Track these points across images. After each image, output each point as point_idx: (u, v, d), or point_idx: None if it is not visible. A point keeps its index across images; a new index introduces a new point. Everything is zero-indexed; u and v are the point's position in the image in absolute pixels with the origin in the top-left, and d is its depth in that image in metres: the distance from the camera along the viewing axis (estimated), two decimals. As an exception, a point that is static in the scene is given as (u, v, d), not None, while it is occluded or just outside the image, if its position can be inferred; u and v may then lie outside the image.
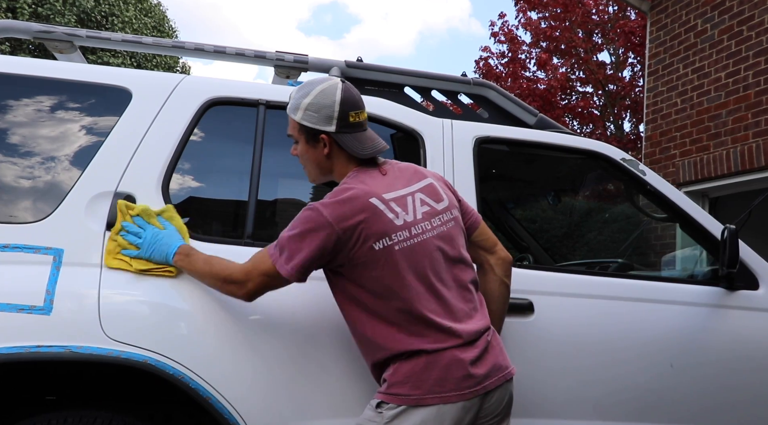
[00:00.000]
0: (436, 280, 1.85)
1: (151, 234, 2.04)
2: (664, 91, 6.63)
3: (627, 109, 14.23)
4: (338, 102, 1.91)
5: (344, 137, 1.93)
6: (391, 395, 1.81)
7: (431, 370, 1.79)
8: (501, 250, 2.12)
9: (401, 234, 1.83)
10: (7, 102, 2.16)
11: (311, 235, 1.80)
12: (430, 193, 1.96)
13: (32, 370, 2.12)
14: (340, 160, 1.97)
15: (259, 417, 2.01)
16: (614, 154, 2.56)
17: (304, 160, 2.01)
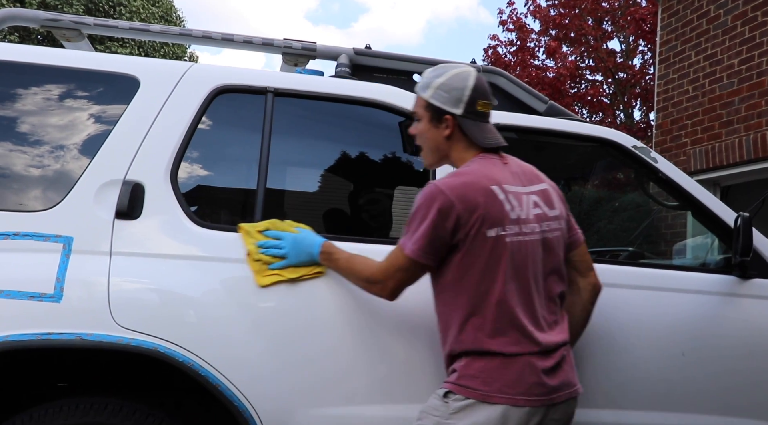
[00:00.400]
0: (531, 283, 1.86)
1: (291, 240, 2.10)
2: (676, 79, 6.57)
3: (637, 98, 14.13)
4: (470, 87, 1.92)
5: (468, 123, 1.93)
6: (460, 386, 1.81)
7: (505, 370, 1.80)
8: (594, 276, 2.11)
9: (513, 228, 1.83)
10: (16, 90, 2.16)
11: (432, 212, 1.80)
12: (544, 197, 1.96)
13: (44, 357, 2.12)
14: (459, 145, 1.96)
15: (268, 404, 2.02)
16: (625, 142, 2.53)
17: (422, 140, 2.01)
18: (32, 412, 1.91)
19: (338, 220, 2.84)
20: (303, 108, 2.43)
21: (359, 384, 2.11)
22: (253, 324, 2.04)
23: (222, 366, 1.98)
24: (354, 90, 2.39)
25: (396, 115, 2.41)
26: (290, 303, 2.09)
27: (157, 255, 2.04)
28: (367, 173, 2.82)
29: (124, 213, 2.03)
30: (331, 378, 2.08)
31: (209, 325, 2.01)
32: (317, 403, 2.07)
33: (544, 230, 1.91)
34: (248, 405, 1.99)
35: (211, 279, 2.04)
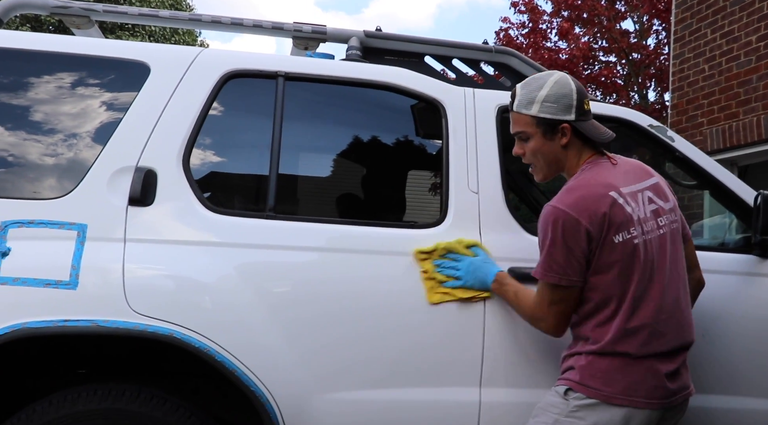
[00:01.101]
0: (659, 281, 1.85)
1: (468, 263, 2.12)
2: (691, 58, 6.48)
3: (651, 78, 13.97)
4: (575, 90, 1.92)
5: (583, 124, 1.93)
6: (581, 385, 1.82)
7: (627, 373, 1.81)
8: (700, 273, 2.12)
9: (637, 229, 1.84)
10: (27, 78, 2.15)
11: (559, 233, 1.81)
12: (657, 192, 1.95)
13: (61, 344, 2.14)
14: (574, 150, 1.96)
15: (285, 389, 2.02)
16: (641, 121, 2.50)
17: (536, 157, 1.99)
18: (51, 398, 1.92)
19: (351, 205, 2.82)
20: (314, 92, 2.41)
21: (375, 369, 2.10)
22: (269, 309, 2.03)
23: (238, 351, 1.98)
24: (365, 73, 2.36)
25: (408, 98, 2.38)
26: (305, 288, 2.09)
27: (170, 241, 2.04)
28: (380, 157, 2.80)
29: (137, 199, 2.03)
30: (348, 363, 2.08)
31: (225, 311, 2.01)
32: (334, 388, 2.06)
33: (663, 224, 1.91)
34: (265, 390, 1.99)
35: (225, 264, 2.03)
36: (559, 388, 1.87)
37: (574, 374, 1.85)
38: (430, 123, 2.41)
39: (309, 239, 2.13)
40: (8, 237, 1.94)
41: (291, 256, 2.11)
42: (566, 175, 2.01)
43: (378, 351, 2.10)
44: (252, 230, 2.10)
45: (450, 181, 2.26)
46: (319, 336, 2.06)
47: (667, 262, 1.88)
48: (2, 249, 1.92)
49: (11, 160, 2.06)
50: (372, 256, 2.14)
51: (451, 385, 2.14)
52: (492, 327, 2.14)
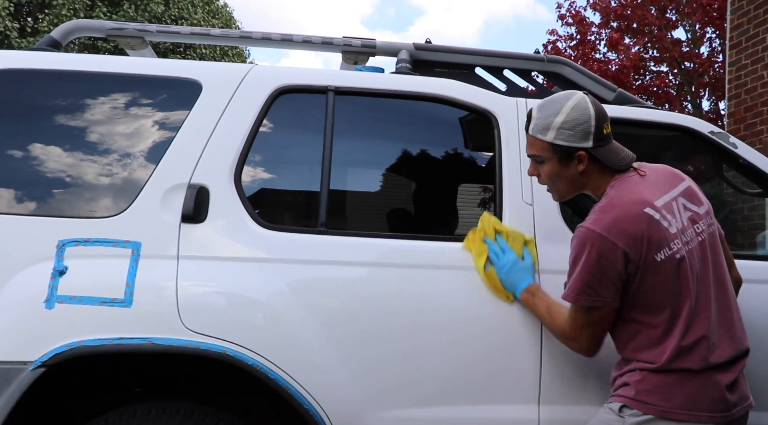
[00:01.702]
0: (712, 290, 1.79)
1: (510, 261, 2.06)
2: (749, 64, 6.27)
3: (705, 87, 13.61)
4: (593, 116, 1.83)
5: (601, 151, 1.85)
6: (638, 402, 1.75)
7: (685, 387, 1.73)
8: (737, 271, 2.04)
9: (677, 243, 1.77)
10: (83, 99, 2.19)
11: (593, 256, 1.75)
12: (690, 196, 1.89)
13: (113, 363, 2.15)
14: (594, 174, 1.89)
15: (339, 407, 1.98)
16: (702, 127, 2.41)
17: (552, 180, 1.94)
18: (107, 417, 1.93)
19: (402, 219, 2.79)
20: (364, 106, 2.39)
21: (430, 386, 2.05)
22: (322, 326, 2.00)
23: (291, 369, 1.96)
24: (416, 85, 2.34)
25: (459, 109, 2.35)
26: (357, 304, 2.06)
27: (223, 258, 2.03)
28: (431, 169, 2.76)
29: (190, 217, 2.03)
30: (403, 380, 2.04)
31: (277, 328, 1.99)
32: (388, 406, 2.02)
33: (701, 230, 1.83)
34: (318, 408, 1.96)
35: (277, 281, 2.02)
36: (613, 405, 1.79)
37: (629, 390, 1.77)
38: (481, 134, 2.37)
39: (360, 254, 2.11)
40: (65, 256, 1.97)
41: (343, 272, 2.09)
42: (591, 194, 1.95)
43: (432, 368, 2.05)
44: (304, 246, 2.08)
45: (504, 193, 2.21)
46: (372, 352, 2.03)
47: (710, 269, 1.81)
48: (60, 268, 1.94)
49: (67, 180, 2.10)
50: (424, 271, 2.10)
51: (507, 403, 2.07)
52: (549, 342, 2.07)
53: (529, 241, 2.14)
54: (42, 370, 1.86)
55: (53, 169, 2.10)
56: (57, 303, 1.90)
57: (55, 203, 2.08)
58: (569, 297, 1.82)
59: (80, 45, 14.78)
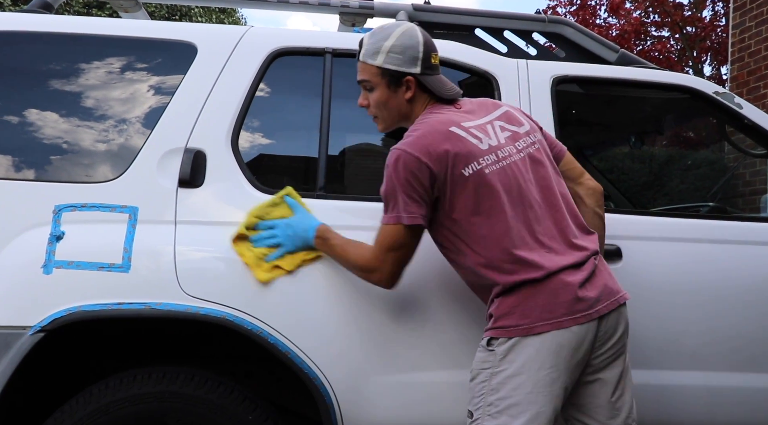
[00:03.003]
0: (534, 202, 1.79)
1: (283, 227, 2.00)
2: (753, 27, 6.18)
3: (707, 52, 13.49)
4: (422, 43, 1.86)
5: (429, 79, 1.87)
6: (499, 329, 1.75)
7: (537, 297, 1.72)
8: (589, 180, 2.02)
9: (489, 158, 1.78)
10: (75, 63, 2.15)
11: (402, 174, 1.74)
12: (507, 119, 1.91)
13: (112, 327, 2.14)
14: (419, 103, 1.90)
15: (339, 371, 1.98)
16: (706, 88, 2.37)
17: (379, 108, 1.92)
18: (108, 381, 1.93)
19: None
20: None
21: (429, 351, 2.05)
22: (322, 290, 2.00)
23: (291, 333, 1.95)
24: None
25: (459, 71, 2.31)
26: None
27: (221, 222, 2.01)
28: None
29: (187, 181, 2.01)
30: (402, 345, 2.03)
31: (277, 293, 1.98)
32: (389, 370, 2.02)
33: (522, 148, 1.85)
34: (319, 373, 1.96)
35: (276, 245, 2.00)
36: (482, 342, 1.79)
37: (492, 321, 1.78)
38: (482, 96, 2.33)
39: (360, 218, 2.08)
40: (62, 221, 1.95)
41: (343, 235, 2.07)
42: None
43: (432, 333, 2.04)
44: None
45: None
46: (373, 316, 2.02)
47: (534, 184, 1.82)
48: (57, 233, 1.93)
49: (62, 144, 2.07)
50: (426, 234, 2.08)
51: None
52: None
53: (287, 191, 2.04)
54: (41, 335, 1.85)
55: (48, 133, 2.07)
56: (55, 269, 1.89)
57: (51, 168, 2.05)
58: (391, 217, 1.79)
59: (74, 13, 14.59)
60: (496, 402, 1.70)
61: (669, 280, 2.16)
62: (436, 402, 2.05)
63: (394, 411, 2.03)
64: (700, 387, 2.16)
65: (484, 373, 1.75)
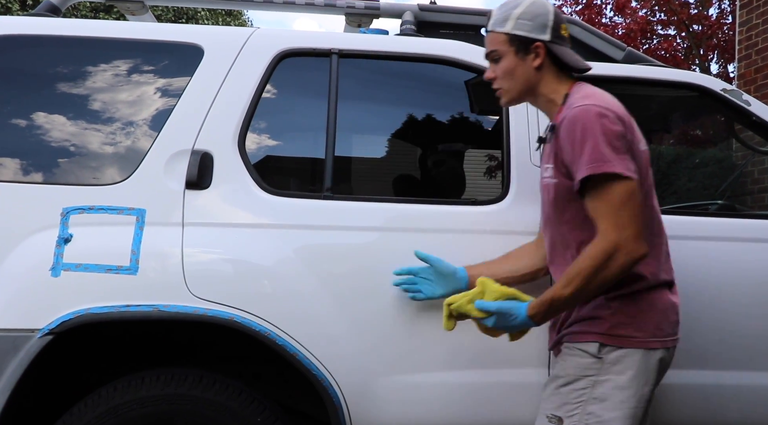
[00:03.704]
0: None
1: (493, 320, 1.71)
2: (760, 24, 6.15)
3: (714, 50, 13.43)
4: (551, 11, 1.80)
5: (559, 48, 1.80)
6: (612, 336, 1.67)
7: (653, 312, 1.69)
8: None
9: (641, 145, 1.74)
10: (83, 66, 2.16)
11: (611, 128, 1.61)
12: None
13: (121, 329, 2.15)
14: (549, 75, 1.81)
15: (348, 372, 1.98)
16: (714, 85, 2.36)
17: (506, 78, 1.82)
18: (116, 383, 1.93)
19: (409, 183, 2.77)
20: (369, 69, 2.35)
21: (438, 352, 2.05)
22: (330, 292, 1.99)
23: (299, 335, 1.95)
24: (421, 47, 2.30)
25: (465, 71, 2.30)
26: (366, 269, 2.04)
27: (228, 224, 2.02)
28: (437, 133, 2.73)
29: (194, 183, 2.01)
30: (411, 345, 2.03)
31: (285, 294, 1.98)
32: (398, 371, 2.02)
33: None
34: (327, 374, 1.96)
35: (283, 246, 2.00)
36: (584, 346, 1.69)
37: (602, 325, 1.68)
38: (487, 96, 2.33)
39: (366, 219, 2.09)
40: (70, 224, 1.95)
41: (349, 237, 2.07)
42: (543, 104, 1.84)
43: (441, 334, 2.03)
44: (309, 211, 2.06)
45: (511, 156, 2.18)
46: (381, 317, 2.02)
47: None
48: (65, 236, 1.93)
49: (70, 147, 2.07)
50: (432, 235, 2.08)
51: (515, 367, 2.07)
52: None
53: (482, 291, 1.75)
54: (50, 338, 1.86)
55: (55, 136, 2.07)
56: (63, 271, 1.89)
57: (59, 171, 2.06)
58: (590, 168, 1.58)
59: (81, 17, 14.65)
60: (598, 412, 1.64)
61: (679, 278, 2.14)
62: (445, 402, 2.04)
63: (403, 412, 2.03)
64: (710, 386, 2.14)
65: (585, 380, 1.67)
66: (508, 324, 1.70)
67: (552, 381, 1.75)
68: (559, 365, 1.76)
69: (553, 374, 1.78)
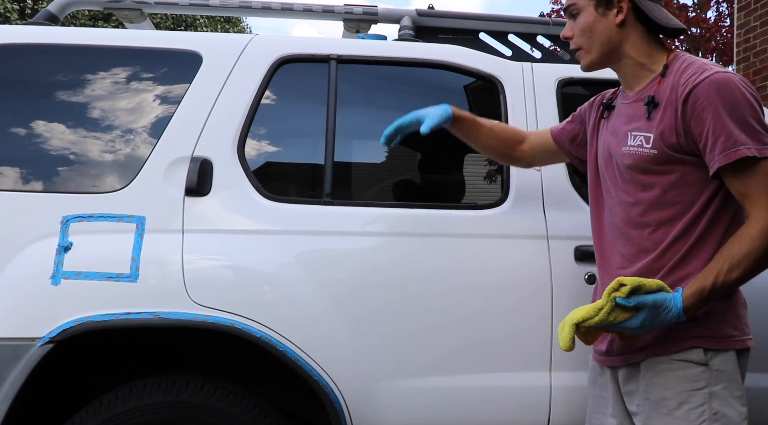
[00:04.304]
0: None
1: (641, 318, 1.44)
2: (758, 26, 6.16)
3: (712, 52, 13.47)
4: None
5: (646, 2, 1.58)
6: (716, 339, 1.48)
7: (741, 307, 1.54)
8: None
9: None
10: (82, 74, 2.16)
11: (752, 99, 1.46)
12: None
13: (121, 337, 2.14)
14: (634, 34, 1.61)
15: (349, 377, 1.98)
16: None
17: (584, 35, 1.63)
18: (117, 391, 1.92)
19: (409, 188, 2.76)
20: (368, 74, 2.36)
21: (440, 355, 2.04)
22: (331, 297, 1.99)
23: (300, 340, 1.95)
24: (419, 52, 2.31)
25: (464, 76, 2.31)
26: (366, 275, 2.04)
27: (228, 230, 2.02)
28: (438, 139, 2.73)
29: (194, 190, 2.01)
30: (412, 350, 2.02)
31: (285, 300, 1.98)
32: (399, 375, 2.01)
33: None
34: (328, 379, 1.95)
35: (284, 252, 2.00)
36: (688, 354, 1.48)
37: (699, 327, 1.48)
38: (487, 101, 2.33)
39: (367, 224, 2.09)
40: (70, 232, 1.95)
41: (349, 242, 2.07)
42: (630, 69, 1.64)
43: (444, 337, 2.04)
44: (309, 217, 2.06)
45: (512, 160, 2.18)
46: (382, 322, 2.01)
47: None
48: (65, 244, 1.93)
49: (69, 155, 2.07)
50: (433, 239, 2.08)
51: (518, 370, 2.06)
52: (558, 309, 2.05)
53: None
54: (50, 346, 1.85)
55: (55, 145, 2.07)
56: (63, 279, 1.89)
57: (58, 179, 2.06)
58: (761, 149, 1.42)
59: (80, 26, 14.68)
60: None
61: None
62: (446, 407, 2.04)
63: (405, 417, 2.02)
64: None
65: (700, 395, 1.46)
66: (659, 320, 1.44)
67: (657, 407, 1.50)
68: (656, 386, 1.52)
69: (650, 398, 1.52)
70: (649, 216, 1.56)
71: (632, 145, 1.57)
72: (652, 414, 1.51)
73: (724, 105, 1.44)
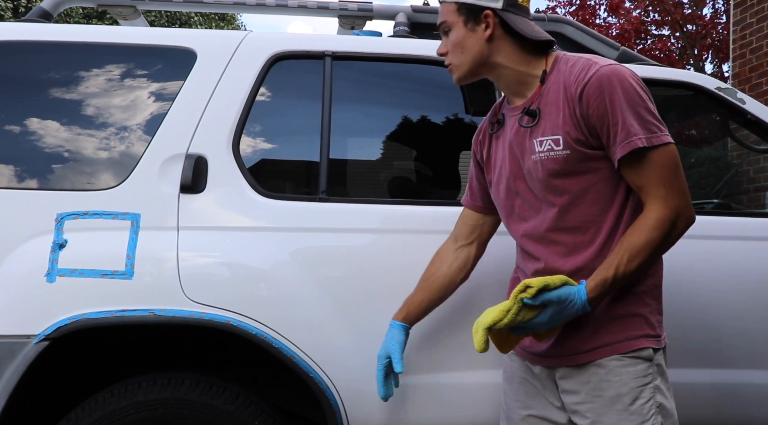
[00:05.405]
0: None
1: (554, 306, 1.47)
2: (754, 23, 6.17)
3: (708, 49, 13.47)
4: None
5: (511, 16, 1.61)
6: (657, 338, 1.56)
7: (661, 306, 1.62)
8: None
9: None
10: (76, 71, 2.15)
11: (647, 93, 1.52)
12: None
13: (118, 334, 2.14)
14: (505, 46, 1.63)
15: (345, 374, 1.98)
16: (708, 84, 2.36)
17: (455, 51, 1.66)
18: (113, 388, 1.92)
19: (403, 185, 2.77)
20: (363, 71, 2.35)
21: (435, 354, 2.04)
22: (327, 294, 1.99)
23: (296, 337, 1.94)
24: (415, 48, 2.30)
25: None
26: (362, 271, 2.04)
27: (224, 227, 2.01)
28: (433, 136, 2.73)
29: (189, 187, 2.01)
30: (408, 348, 2.02)
31: (281, 297, 1.97)
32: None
33: None
34: (324, 376, 1.95)
35: (280, 249, 2.00)
36: (636, 352, 1.53)
37: (644, 325, 1.55)
38: (482, 97, 2.33)
39: (362, 220, 2.09)
40: (64, 229, 1.94)
41: (345, 239, 2.07)
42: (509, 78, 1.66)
43: (442, 334, 2.03)
44: (304, 213, 2.06)
45: (506, 156, 2.17)
46: (377, 319, 2.00)
47: None
48: (59, 241, 1.92)
49: (64, 153, 2.07)
50: (428, 236, 2.07)
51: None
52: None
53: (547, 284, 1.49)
54: (46, 344, 1.85)
55: (49, 142, 2.07)
56: (58, 277, 1.89)
57: (53, 176, 2.05)
58: (653, 138, 1.47)
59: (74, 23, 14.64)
60: (665, 422, 1.52)
61: (671, 278, 2.14)
62: (443, 404, 2.04)
63: (401, 414, 2.02)
64: (707, 385, 2.14)
65: (647, 389, 1.52)
66: (565, 313, 1.47)
67: (611, 404, 1.52)
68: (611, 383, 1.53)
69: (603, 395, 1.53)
70: (575, 218, 1.58)
71: (541, 150, 1.58)
72: (605, 411, 1.53)
73: (616, 97, 1.47)
